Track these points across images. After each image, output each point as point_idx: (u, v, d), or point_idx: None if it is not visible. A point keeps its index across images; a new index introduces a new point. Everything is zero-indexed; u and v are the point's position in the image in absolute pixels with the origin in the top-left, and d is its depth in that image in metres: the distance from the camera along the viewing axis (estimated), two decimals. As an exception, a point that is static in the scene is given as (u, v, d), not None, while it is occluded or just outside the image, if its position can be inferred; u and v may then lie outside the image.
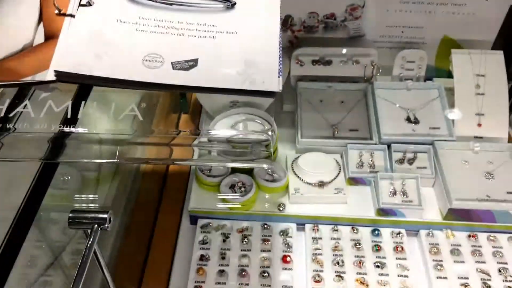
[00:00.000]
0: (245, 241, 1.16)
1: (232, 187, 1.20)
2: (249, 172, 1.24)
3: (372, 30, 1.46)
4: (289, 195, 1.21)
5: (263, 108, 1.38)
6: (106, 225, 0.66)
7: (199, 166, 1.24)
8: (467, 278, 1.09)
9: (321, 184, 1.22)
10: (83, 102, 0.75)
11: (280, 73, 0.73)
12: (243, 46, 0.73)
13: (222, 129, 1.31)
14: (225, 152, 0.88)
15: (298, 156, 1.27)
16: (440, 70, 1.52)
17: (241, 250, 1.14)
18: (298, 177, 1.24)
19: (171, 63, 0.69)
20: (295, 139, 1.32)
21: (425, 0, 1.37)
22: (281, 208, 1.20)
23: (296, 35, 1.48)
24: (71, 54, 0.67)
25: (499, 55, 1.35)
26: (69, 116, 0.72)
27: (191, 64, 0.70)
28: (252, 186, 1.19)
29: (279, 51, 0.75)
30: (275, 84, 0.71)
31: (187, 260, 1.13)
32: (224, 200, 1.20)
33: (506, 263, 1.12)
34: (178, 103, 1.53)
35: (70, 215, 0.67)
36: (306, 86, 1.43)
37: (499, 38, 1.44)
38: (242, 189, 1.19)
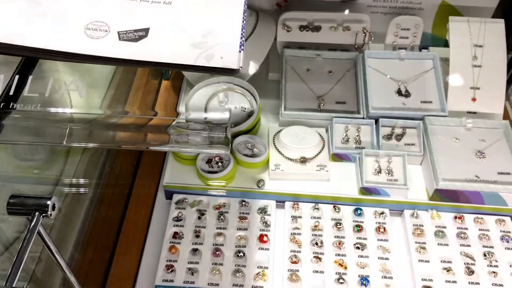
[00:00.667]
0: (221, 219, 1.11)
1: (209, 161, 1.14)
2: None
3: (365, -7, 1.36)
4: (269, 171, 1.15)
5: (246, 77, 1.30)
6: (49, 213, 0.60)
7: (175, 139, 1.17)
8: (450, 262, 1.05)
9: (303, 160, 1.16)
10: (30, 77, 0.67)
11: (242, 47, 0.65)
12: (202, 14, 0.64)
13: (200, 99, 1.24)
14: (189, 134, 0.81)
15: (280, 130, 1.20)
16: (437, 39, 1.43)
17: (217, 228, 1.10)
18: (280, 152, 1.17)
19: (118, 32, 0.61)
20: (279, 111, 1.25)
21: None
22: (260, 185, 1.15)
23: (284, -3, 1.38)
24: (3, 22, 0.59)
25: (500, 24, 1.26)
26: (11, 93, 0.64)
27: (140, 34, 0.62)
28: (230, 161, 1.13)
29: (243, 22, 0.67)
30: (234, 60, 0.63)
31: (161, 237, 1.09)
32: (200, 175, 1.14)
33: (492, 247, 1.08)
34: (160, 69, 1.45)
35: (9, 200, 0.61)
36: (293, 53, 1.34)
37: (501, 4, 1.34)
38: (220, 164, 1.14)
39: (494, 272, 1.03)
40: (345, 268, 1.04)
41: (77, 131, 0.69)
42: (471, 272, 1.03)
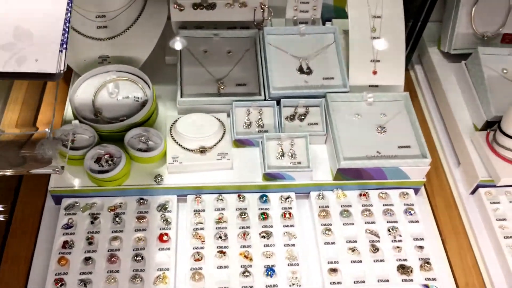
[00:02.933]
0: (117, 221, 1.03)
1: (98, 160, 1.05)
2: (121, 140, 1.08)
3: (261, -34, 1.28)
4: (167, 164, 1.08)
5: (139, 63, 1.20)
6: None
7: (60, 137, 1.06)
8: (355, 242, 1.04)
9: (203, 150, 1.09)
10: None
11: (64, 46, 0.55)
12: (14, 10, 0.54)
13: (87, 92, 1.13)
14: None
15: (177, 119, 1.12)
16: (339, 10, 1.39)
17: (112, 232, 1.02)
18: (177, 143, 1.10)
19: None
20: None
21: None
22: (158, 180, 1.07)
23: (175, -26, 1.28)
24: None
25: (397, -7, 1.23)
26: None
27: None
28: (121, 158, 1.04)
29: (66, 15, 0.57)
30: (52, 63, 0.54)
31: (50, 248, 0.99)
32: (89, 176, 1.05)
33: (396, 222, 1.08)
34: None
35: None
36: (189, 34, 1.25)
37: (398, -27, 1.31)
38: (110, 162, 1.04)
39: (398, 247, 1.03)
40: (251, 259, 1.00)
41: None
42: (376, 249, 1.03)
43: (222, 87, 1.19)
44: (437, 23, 1.42)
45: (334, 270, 1.00)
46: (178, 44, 1.23)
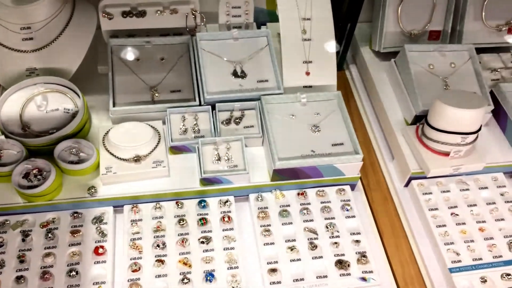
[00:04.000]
0: (50, 236, 1.00)
1: (26, 175, 1.01)
2: (52, 154, 1.05)
3: (192, -28, 1.28)
4: (100, 175, 1.06)
5: (68, 75, 1.18)
6: None
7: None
8: (294, 240, 1.05)
9: (138, 159, 1.08)
10: None
11: None
12: None
13: (13, 106, 1.10)
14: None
15: (110, 129, 1.10)
16: (273, 14, 1.41)
17: (45, 248, 0.99)
18: (110, 153, 1.08)
19: None
20: (110, 107, 1.15)
21: None
22: (91, 192, 1.05)
23: (104, -18, 1.26)
24: None
25: (325, -4, 1.26)
26: None
27: None
28: (51, 172, 1.01)
29: None
30: None
31: (-21, 270, 0.95)
32: (19, 192, 1.01)
33: (333, 218, 1.10)
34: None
35: None
36: (120, 42, 1.24)
37: (327, -24, 1.35)
38: (39, 176, 1.01)
39: (336, 243, 1.05)
40: (190, 266, 0.99)
41: None
42: (314, 246, 1.04)
43: (156, 95, 1.18)
44: (368, 23, 1.47)
45: (273, 270, 1.00)
46: (109, 53, 1.21)
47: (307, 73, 1.24)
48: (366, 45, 1.45)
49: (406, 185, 1.20)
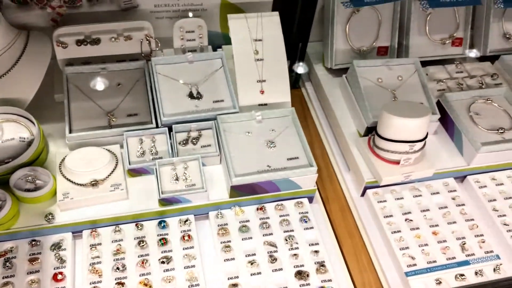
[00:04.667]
0: (8, 266, 0.99)
1: (-19, 206, 1.01)
2: (7, 183, 1.05)
3: (144, 0, 1.32)
4: (58, 202, 1.06)
5: (24, 104, 1.18)
6: None
7: None
8: (254, 255, 1.07)
9: (95, 183, 1.08)
10: None
11: None
12: None
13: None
14: None
15: (66, 155, 1.11)
16: (228, 37, 1.44)
17: (3, 278, 0.98)
18: (67, 179, 1.09)
19: None
20: (67, 134, 1.16)
21: (191, -37, 1.26)
22: (49, 219, 1.05)
23: (58, 12, 1.28)
24: None
25: (275, 17, 1.31)
26: None
27: None
28: (6, 201, 1.01)
29: None
30: None
31: None
32: (-27, 224, 1.00)
33: (292, 230, 1.12)
34: None
35: None
36: (76, 70, 1.26)
37: (276, -2, 1.41)
38: (-6, 206, 1.01)
39: (295, 254, 1.08)
40: (150, 287, 1.00)
41: None
42: (274, 259, 1.06)
43: (113, 119, 1.20)
44: (320, 42, 1.53)
45: (235, 285, 1.02)
46: (65, 81, 1.23)
47: (262, 92, 1.28)
48: (319, 63, 1.51)
49: (362, 194, 1.24)
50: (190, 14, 1.38)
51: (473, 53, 1.53)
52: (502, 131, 1.27)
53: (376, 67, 1.37)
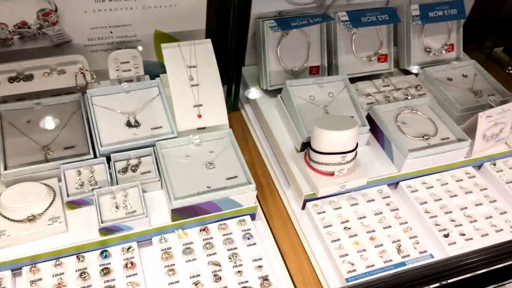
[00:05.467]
0: None
1: None
2: None
3: (77, 34, 1.34)
4: (-6, 240, 1.04)
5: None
6: None
7: None
8: (198, 275, 1.08)
9: (32, 218, 1.07)
10: None
11: None
12: None
13: None
14: None
15: (1, 193, 1.10)
16: (164, 65, 1.49)
17: None
18: (4, 216, 1.07)
19: None
20: (2, 171, 1.15)
21: (120, -3, 1.30)
22: (-15, 259, 1.03)
23: (-11, 51, 1.29)
24: None
25: (208, 44, 1.36)
26: None
27: None
28: None
29: None
30: None
31: None
32: None
33: (235, 248, 1.14)
34: None
35: None
36: (9, 107, 1.25)
37: (208, 26, 1.46)
38: None
39: (239, 271, 1.10)
40: (94, 318, 0.99)
41: None
42: (218, 278, 1.08)
43: (50, 153, 1.19)
44: (256, 65, 1.59)
45: (180, 308, 1.02)
46: (1, 118, 1.22)
47: (199, 116, 1.31)
48: (256, 85, 1.56)
49: (303, 207, 1.28)
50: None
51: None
52: (427, 137, 1.36)
53: (308, 85, 1.44)
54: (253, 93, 1.54)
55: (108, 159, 1.21)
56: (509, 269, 1.13)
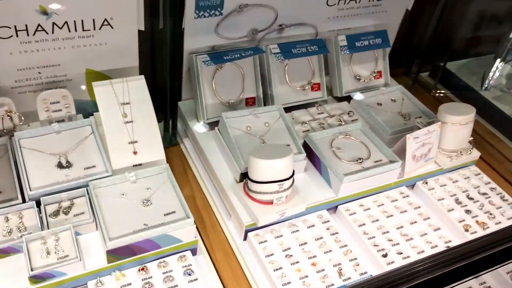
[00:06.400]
0: None
1: None
2: None
3: (3, 76, 1.30)
4: None
5: None
6: None
7: None
8: (137, 318, 1.04)
9: (-47, 272, 1.00)
10: None
11: None
12: None
13: None
14: None
15: None
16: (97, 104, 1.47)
17: None
18: None
19: None
20: None
21: (48, 37, 1.28)
22: None
23: None
24: None
25: (141, 80, 1.36)
26: None
27: None
28: None
29: None
30: None
31: None
32: None
33: (176, 286, 1.11)
34: None
35: None
36: None
37: (141, 62, 1.47)
38: None
39: (180, 309, 1.07)
40: None
41: None
42: (158, 319, 1.05)
43: (-26, 201, 1.13)
44: (193, 99, 1.60)
45: None
46: None
47: (135, 153, 1.30)
48: (194, 119, 1.57)
49: (245, 238, 1.27)
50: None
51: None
52: (361, 161, 1.41)
53: (244, 116, 1.46)
54: (191, 127, 1.54)
55: (38, 203, 1.16)
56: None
